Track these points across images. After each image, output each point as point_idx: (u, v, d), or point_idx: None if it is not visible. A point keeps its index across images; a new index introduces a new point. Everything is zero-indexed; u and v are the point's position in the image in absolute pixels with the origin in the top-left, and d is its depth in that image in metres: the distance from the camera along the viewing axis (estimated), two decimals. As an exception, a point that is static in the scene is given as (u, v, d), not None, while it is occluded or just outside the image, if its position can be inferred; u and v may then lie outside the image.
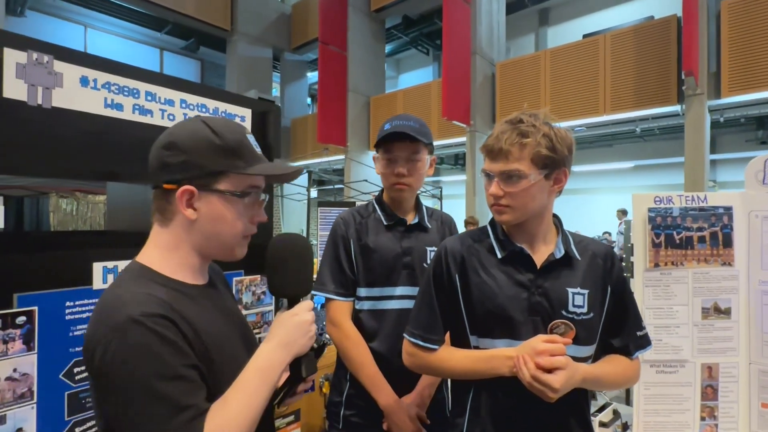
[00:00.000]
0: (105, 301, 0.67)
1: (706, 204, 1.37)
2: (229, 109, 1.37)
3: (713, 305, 1.37)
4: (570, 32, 9.23)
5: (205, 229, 0.72)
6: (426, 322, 1.00)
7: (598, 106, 6.16)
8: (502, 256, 0.96)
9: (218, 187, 0.71)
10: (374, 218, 1.33)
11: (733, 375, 1.37)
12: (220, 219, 0.72)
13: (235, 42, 9.65)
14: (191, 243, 0.73)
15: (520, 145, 0.89)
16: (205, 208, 0.71)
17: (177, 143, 0.70)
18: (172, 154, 0.70)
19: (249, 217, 0.75)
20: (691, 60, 4.73)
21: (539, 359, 0.82)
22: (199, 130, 0.71)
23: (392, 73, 12.80)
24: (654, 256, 1.37)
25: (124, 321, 0.61)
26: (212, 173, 0.70)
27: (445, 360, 0.98)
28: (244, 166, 0.71)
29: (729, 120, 6.02)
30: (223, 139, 0.70)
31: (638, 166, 9.12)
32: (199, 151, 0.69)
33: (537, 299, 0.92)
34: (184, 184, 0.69)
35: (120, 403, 0.61)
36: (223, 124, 0.73)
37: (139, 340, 0.61)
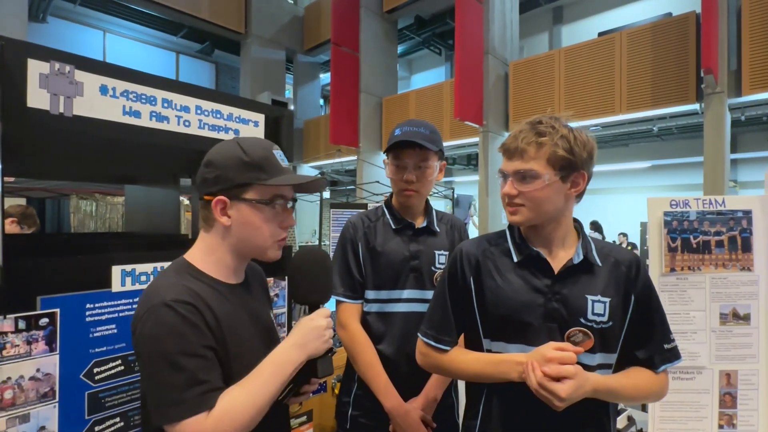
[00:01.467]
0: (150, 287, 0.80)
1: (724, 208, 1.34)
2: (243, 115, 1.39)
3: (732, 311, 1.34)
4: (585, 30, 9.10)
5: (238, 233, 0.84)
6: (439, 322, 1.01)
7: (614, 105, 6.06)
8: (519, 260, 0.95)
9: (246, 197, 0.82)
10: (383, 222, 1.35)
11: (752, 383, 1.34)
12: (250, 224, 0.83)
13: (248, 44, 9.76)
14: (227, 246, 0.85)
15: (536, 144, 0.89)
16: (236, 215, 0.83)
17: (213, 161, 0.84)
18: (209, 171, 0.83)
19: (278, 223, 0.86)
20: (710, 57, 4.62)
21: (546, 367, 0.81)
22: (231, 149, 0.84)
23: (405, 73, 12.79)
24: (670, 260, 1.35)
25: (157, 304, 0.74)
26: (240, 185, 0.82)
27: (455, 361, 0.98)
28: (266, 177, 0.82)
29: (750, 118, 5.85)
30: (250, 155, 0.82)
31: (655, 165, 8.94)
32: (229, 166, 0.82)
33: (554, 305, 0.91)
34: (218, 195, 0.82)
35: (147, 373, 0.74)
36: (252, 143, 0.85)
37: (168, 320, 0.73)
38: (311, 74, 11.62)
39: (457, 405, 1.36)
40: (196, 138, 1.27)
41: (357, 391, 1.31)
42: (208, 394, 0.72)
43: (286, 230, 0.88)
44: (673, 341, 0.97)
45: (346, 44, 8.46)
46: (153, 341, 0.72)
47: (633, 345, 0.95)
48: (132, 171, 2.04)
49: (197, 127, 1.28)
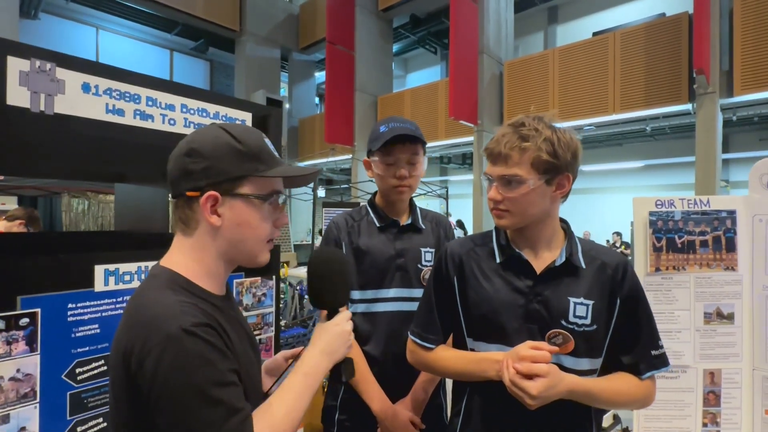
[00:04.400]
0: (146, 311, 0.66)
1: (708, 208, 1.35)
2: (230, 113, 1.38)
3: (716, 310, 1.35)
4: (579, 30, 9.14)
5: (229, 235, 0.72)
6: (424, 321, 1.03)
7: (607, 105, 6.09)
8: (501, 260, 0.96)
9: (242, 191, 0.71)
10: (367, 221, 1.34)
11: (736, 381, 1.35)
12: (245, 224, 0.72)
13: (243, 42, 9.72)
14: (216, 250, 0.73)
15: (519, 149, 0.88)
16: (229, 213, 0.71)
17: (199, 150, 0.70)
18: (194, 161, 0.69)
19: (273, 221, 0.76)
20: (702, 58, 4.65)
21: (518, 364, 0.81)
22: (219, 136, 0.71)
23: (400, 72, 12.79)
24: (655, 260, 1.35)
25: (176, 331, 0.62)
26: (235, 178, 0.70)
27: (440, 360, 1.00)
28: (265, 169, 0.72)
29: (742, 118, 5.91)
30: (245, 144, 0.71)
31: (648, 165, 9.00)
32: (221, 156, 0.69)
33: (534, 307, 0.91)
34: (207, 191, 0.69)
35: (176, 410, 0.62)
36: (242, 130, 0.74)
37: (194, 348, 0.62)
38: (306, 72, 11.59)
39: (445, 405, 1.36)
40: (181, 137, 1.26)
41: (344, 395, 1.29)
42: (246, 422, 0.64)
43: (279, 230, 0.80)
44: (661, 348, 0.95)
45: (342, 42, 8.44)
46: (178, 375, 0.61)
47: (618, 349, 0.94)
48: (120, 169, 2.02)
49: (183, 126, 1.27)
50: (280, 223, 0.78)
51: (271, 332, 1.56)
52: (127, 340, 0.65)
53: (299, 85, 11.43)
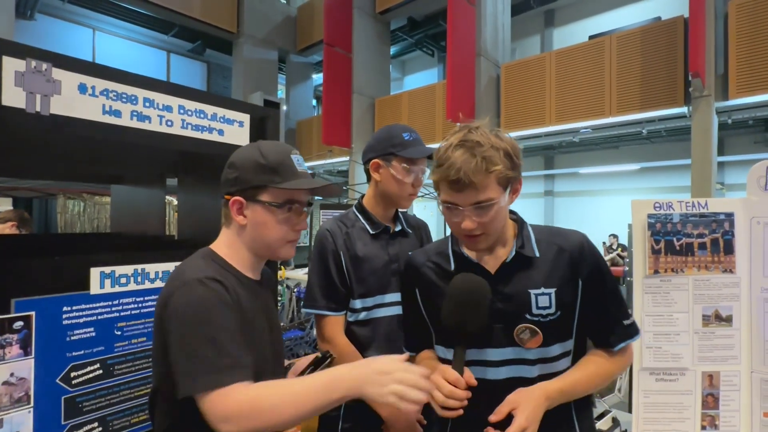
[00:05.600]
0: (178, 269, 0.87)
1: (707, 210, 1.35)
2: (228, 115, 1.37)
3: (714, 313, 1.35)
4: (576, 33, 9.18)
5: (252, 232, 0.89)
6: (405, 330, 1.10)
7: (603, 108, 6.12)
8: (455, 267, 0.97)
9: (261, 198, 0.87)
10: (359, 227, 1.33)
11: (734, 384, 1.35)
12: (263, 225, 0.88)
13: (241, 44, 9.71)
14: (243, 242, 0.91)
15: (486, 172, 0.82)
16: (251, 215, 0.88)
17: (234, 162, 0.89)
18: (230, 172, 0.89)
19: (290, 225, 0.91)
20: (697, 61, 4.68)
21: (492, 418, 0.82)
22: (251, 152, 0.89)
23: (397, 74, 12.81)
24: (653, 262, 1.35)
25: (190, 279, 0.80)
26: (256, 187, 0.87)
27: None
28: (280, 181, 0.87)
29: (737, 121, 5.95)
30: (267, 158, 0.87)
31: (644, 168, 9.03)
32: (246, 168, 0.87)
33: (498, 306, 0.90)
34: (235, 196, 0.87)
35: (179, 343, 0.76)
36: (271, 147, 0.90)
37: (202, 294, 0.79)
38: (304, 74, 11.58)
39: None
40: (179, 138, 1.25)
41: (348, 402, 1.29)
42: (238, 369, 0.75)
43: (299, 232, 0.93)
44: (630, 316, 0.96)
45: (339, 45, 8.45)
46: (187, 312, 0.77)
47: (589, 327, 0.95)
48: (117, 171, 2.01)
49: (180, 127, 1.26)
50: (298, 228, 0.92)
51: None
52: (163, 292, 0.84)
53: (297, 87, 11.43)
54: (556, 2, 9.48)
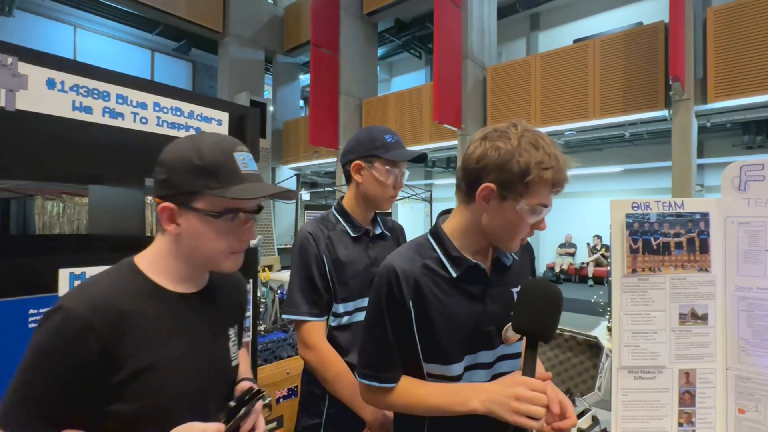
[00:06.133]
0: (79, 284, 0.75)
1: (683, 210, 1.37)
2: (205, 113, 1.35)
3: (690, 311, 1.37)
4: (560, 37, 9.31)
5: (188, 242, 0.76)
6: (378, 359, 0.89)
7: (587, 111, 6.20)
8: (458, 274, 0.88)
9: (195, 206, 0.74)
10: (339, 230, 1.31)
11: (710, 381, 1.37)
12: (200, 236, 0.75)
13: (227, 44, 9.62)
14: (177, 253, 0.78)
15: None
16: (185, 224, 0.75)
17: (164, 161, 0.75)
18: (159, 171, 0.75)
19: (234, 235, 0.77)
20: (677, 66, 4.78)
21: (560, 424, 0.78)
22: (184, 149, 0.75)
23: (385, 76, 12.82)
24: (631, 261, 1.37)
25: (58, 306, 0.68)
26: (188, 192, 0.73)
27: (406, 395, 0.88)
28: (218, 186, 0.73)
29: (716, 125, 6.08)
30: (203, 159, 0.73)
31: (627, 170, 9.19)
32: (178, 170, 0.73)
33: (491, 308, 0.90)
34: (166, 201, 0.74)
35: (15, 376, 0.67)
36: (211, 143, 0.75)
37: (49, 328, 0.67)
38: (291, 75, 11.52)
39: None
40: (154, 136, 1.23)
41: (329, 410, 1.26)
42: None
43: (246, 242, 0.80)
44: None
45: (326, 46, 8.42)
46: (29, 351, 0.67)
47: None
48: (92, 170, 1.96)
49: (155, 125, 1.23)
50: (243, 239, 0.78)
51: (247, 337, 1.53)
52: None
53: (284, 87, 11.36)
54: (541, 6, 9.60)
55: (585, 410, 1.44)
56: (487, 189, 0.80)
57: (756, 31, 4.94)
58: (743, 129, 6.78)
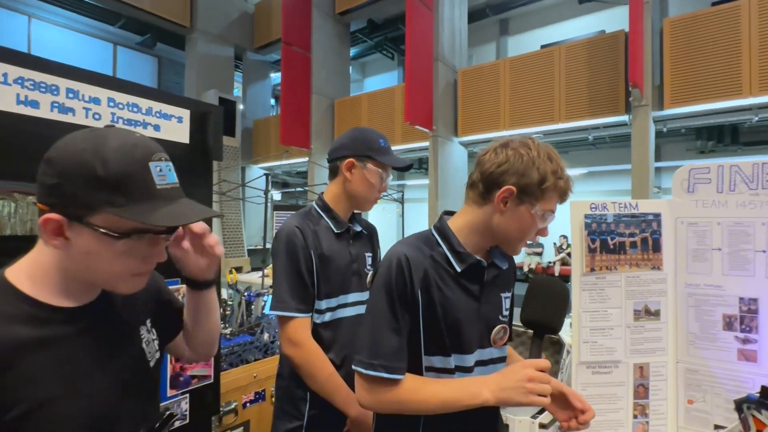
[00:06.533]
0: None
1: (637, 211, 1.44)
2: (164, 110, 1.30)
3: (644, 307, 1.44)
4: (529, 42, 9.56)
5: (77, 260, 0.63)
6: (390, 348, 0.86)
7: (553, 115, 6.40)
8: (462, 269, 0.91)
9: (92, 222, 0.59)
10: (323, 226, 1.31)
11: (662, 374, 1.44)
12: (93, 256, 0.62)
13: (194, 39, 9.35)
14: (64, 268, 0.64)
15: None
16: (77, 239, 0.61)
17: (54, 161, 0.59)
18: (47, 173, 0.60)
19: (139, 257, 0.65)
20: (636, 73, 5.00)
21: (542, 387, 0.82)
22: (84, 150, 0.59)
23: (358, 76, 12.80)
24: (590, 261, 1.42)
25: None
26: (85, 205, 0.59)
27: (414, 391, 0.86)
28: (124, 203, 0.59)
29: (671, 130, 6.41)
30: (108, 169, 0.58)
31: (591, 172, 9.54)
32: (73, 178, 0.58)
33: (485, 308, 0.94)
34: (53, 211, 0.59)
35: None
36: (118, 148, 0.60)
37: None
38: (261, 73, 11.33)
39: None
40: (108, 133, 1.17)
41: (311, 411, 1.24)
42: None
43: (153, 264, 0.68)
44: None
45: (298, 44, 8.32)
46: None
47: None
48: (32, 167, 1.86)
49: (110, 121, 1.18)
50: (150, 260, 0.67)
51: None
52: None
53: (254, 85, 11.15)
54: (510, 12, 9.83)
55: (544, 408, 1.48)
56: (508, 191, 0.86)
57: (709, 42, 5.24)
58: (696, 134, 7.18)
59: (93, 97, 1.13)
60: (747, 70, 5.02)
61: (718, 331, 1.37)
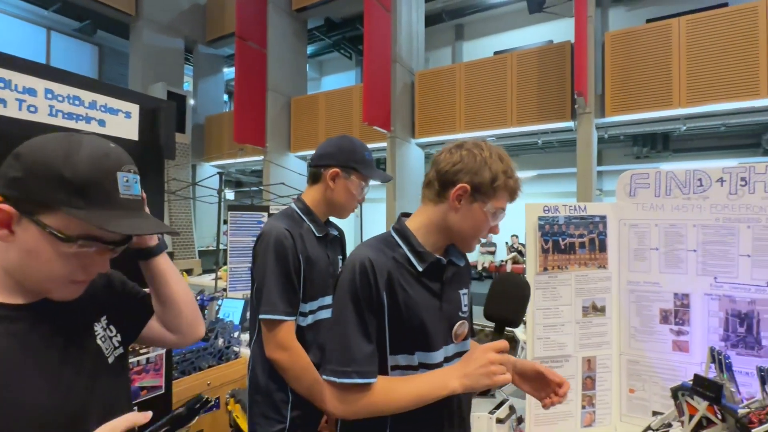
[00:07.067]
0: None
1: (585, 213, 1.52)
2: (110, 103, 1.22)
3: (591, 304, 1.53)
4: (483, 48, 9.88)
5: (17, 257, 0.63)
6: (361, 353, 0.86)
7: (506, 119, 6.65)
8: (423, 269, 0.93)
9: (41, 220, 0.60)
10: (306, 229, 1.32)
11: (607, 366, 1.54)
12: (33, 254, 0.62)
13: (140, 28, 8.82)
14: (5, 263, 0.64)
15: None
16: (22, 235, 0.61)
17: (23, 156, 0.61)
18: (12, 166, 0.61)
19: (80, 264, 0.64)
20: (581, 82, 5.31)
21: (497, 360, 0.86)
22: (53, 151, 0.61)
23: (315, 74, 12.63)
24: (543, 260, 1.49)
25: None
26: (40, 203, 0.60)
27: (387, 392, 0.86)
28: (82, 206, 0.60)
29: (612, 136, 6.86)
30: (75, 173, 0.60)
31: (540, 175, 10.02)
32: (36, 174, 0.60)
33: (446, 305, 0.96)
34: (8, 202, 0.60)
35: None
36: (91, 156, 0.62)
37: None
38: (214, 67, 10.88)
39: None
40: (45, 127, 1.08)
41: (294, 413, 1.25)
42: None
43: (93, 274, 0.68)
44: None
45: (253, 39, 8.08)
46: None
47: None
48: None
49: (47, 114, 1.08)
50: (92, 269, 0.67)
51: (161, 350, 1.40)
52: None
53: (206, 80, 10.69)
54: (465, 17, 10.10)
55: (503, 401, 1.53)
56: (462, 189, 0.90)
57: (644, 56, 5.67)
58: (633, 141, 7.74)
59: (27, 87, 1.04)
60: (677, 83, 5.48)
61: (656, 324, 1.49)
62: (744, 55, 5.11)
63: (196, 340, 0.90)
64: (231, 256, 3.60)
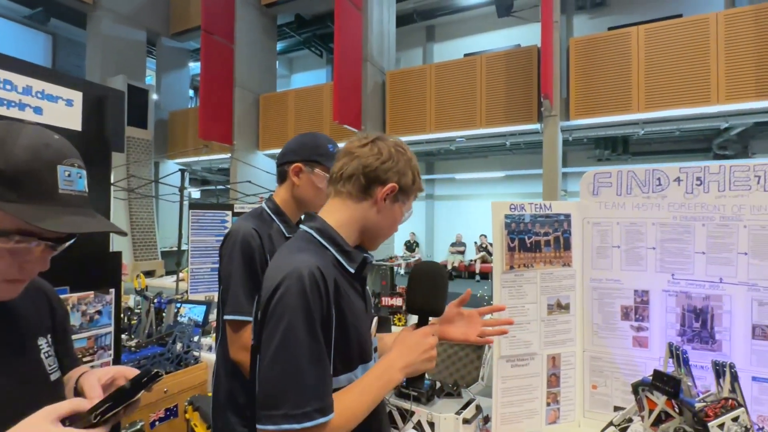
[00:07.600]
0: None
1: (550, 212, 1.53)
2: (49, 90, 1.12)
3: (556, 302, 1.54)
4: (453, 50, 10.00)
5: None
6: (319, 381, 0.72)
7: (475, 120, 6.75)
8: (355, 270, 0.86)
9: None
10: (276, 229, 1.28)
11: (571, 363, 1.55)
12: None
13: (98, 18, 8.40)
14: None
15: None
16: None
17: None
18: None
19: (16, 261, 0.60)
20: (547, 85, 5.45)
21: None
22: None
23: (284, 71, 12.42)
24: (509, 259, 1.49)
25: None
26: None
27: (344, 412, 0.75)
28: (14, 200, 0.56)
29: (576, 139, 7.09)
30: (10, 163, 0.56)
31: (508, 175, 10.24)
32: None
33: (368, 306, 0.92)
34: None
35: None
36: (29, 146, 0.58)
37: None
38: (179, 61, 10.50)
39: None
40: (-29, 114, 0.97)
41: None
42: None
43: (31, 273, 0.64)
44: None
45: (219, 33, 7.84)
46: None
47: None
48: None
49: (-27, 100, 0.98)
50: (29, 268, 0.62)
51: (108, 357, 1.30)
52: None
53: (170, 74, 10.30)
54: (436, 19, 10.19)
55: (470, 400, 1.52)
56: (392, 188, 0.86)
57: (605, 62, 5.88)
58: (596, 144, 8.03)
59: (-51, 68, 0.93)
60: (636, 88, 5.71)
61: (617, 321, 1.51)
62: (697, 63, 5.39)
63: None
64: (192, 257, 3.45)
